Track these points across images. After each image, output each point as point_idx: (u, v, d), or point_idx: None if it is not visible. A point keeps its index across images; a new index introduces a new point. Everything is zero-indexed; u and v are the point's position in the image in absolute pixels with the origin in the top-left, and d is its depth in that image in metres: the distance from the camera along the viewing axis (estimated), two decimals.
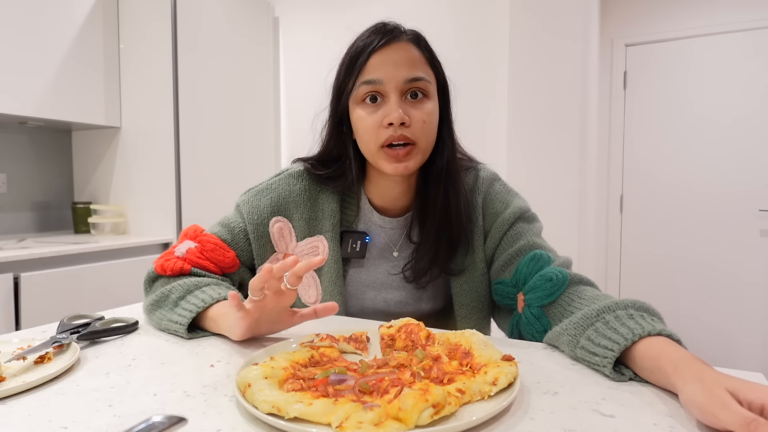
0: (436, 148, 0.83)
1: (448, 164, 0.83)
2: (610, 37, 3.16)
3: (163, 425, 0.38)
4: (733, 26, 2.88)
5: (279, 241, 0.88)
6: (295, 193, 0.88)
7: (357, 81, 0.78)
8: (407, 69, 0.76)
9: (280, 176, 0.91)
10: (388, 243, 0.90)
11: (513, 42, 2.27)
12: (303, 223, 0.88)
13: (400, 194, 0.87)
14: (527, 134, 2.25)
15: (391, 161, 0.77)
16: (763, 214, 2.85)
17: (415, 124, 0.76)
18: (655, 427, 0.45)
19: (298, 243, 0.88)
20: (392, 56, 0.76)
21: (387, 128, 0.76)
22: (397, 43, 0.78)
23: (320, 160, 0.88)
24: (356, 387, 0.49)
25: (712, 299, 2.98)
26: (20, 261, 1.68)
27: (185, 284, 0.78)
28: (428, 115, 0.78)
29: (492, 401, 0.48)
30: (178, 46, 2.25)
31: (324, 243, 0.87)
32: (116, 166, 2.37)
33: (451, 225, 0.84)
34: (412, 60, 0.77)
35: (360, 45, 0.79)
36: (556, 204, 2.20)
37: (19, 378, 0.55)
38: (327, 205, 0.87)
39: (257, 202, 0.89)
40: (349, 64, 0.79)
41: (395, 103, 0.76)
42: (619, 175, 3.20)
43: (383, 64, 0.76)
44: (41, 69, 2.00)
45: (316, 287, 0.88)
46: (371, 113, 0.77)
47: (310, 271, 0.87)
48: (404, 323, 0.66)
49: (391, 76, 0.76)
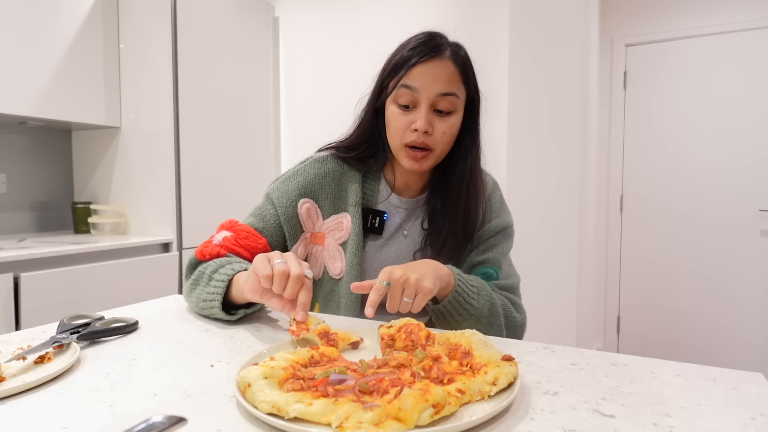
0: (457, 151, 0.95)
1: (471, 170, 0.95)
2: (610, 37, 3.16)
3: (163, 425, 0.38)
4: (733, 26, 2.88)
5: (307, 221, 0.98)
6: (320, 175, 0.98)
7: (398, 83, 0.88)
8: (441, 84, 0.87)
9: (306, 163, 1.00)
10: (401, 222, 1.00)
11: (513, 42, 2.27)
12: (329, 202, 0.98)
13: (416, 179, 1.00)
14: (527, 134, 2.25)
15: (409, 159, 0.91)
16: (763, 214, 2.85)
17: (437, 134, 0.88)
18: (654, 427, 0.45)
19: (325, 221, 0.98)
20: (431, 71, 0.87)
21: (413, 132, 0.88)
22: (439, 59, 0.87)
23: (348, 146, 0.99)
24: (356, 387, 0.49)
25: (712, 299, 2.98)
26: (20, 261, 1.68)
27: (218, 261, 0.88)
28: (450, 127, 0.90)
29: (492, 401, 0.48)
30: (178, 46, 2.25)
31: (348, 219, 0.97)
32: (116, 166, 2.37)
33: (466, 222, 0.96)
34: (448, 77, 0.88)
35: (407, 54, 0.89)
36: (556, 204, 2.20)
37: (19, 378, 0.55)
38: (350, 185, 0.98)
39: (285, 187, 0.98)
40: (395, 66, 0.90)
41: (425, 112, 0.87)
42: (619, 175, 3.20)
43: (423, 76, 0.87)
44: (41, 69, 2.00)
45: (341, 259, 0.97)
46: (403, 114, 0.89)
47: (336, 245, 0.97)
48: (404, 323, 0.66)
49: (427, 88, 0.87)
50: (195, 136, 2.35)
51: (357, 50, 2.80)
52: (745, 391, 0.53)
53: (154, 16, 2.23)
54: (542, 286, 2.23)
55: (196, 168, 2.35)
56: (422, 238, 0.98)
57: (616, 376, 0.57)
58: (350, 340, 0.66)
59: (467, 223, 0.96)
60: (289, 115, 3.10)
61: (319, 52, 2.96)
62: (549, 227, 2.21)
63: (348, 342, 0.66)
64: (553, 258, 2.21)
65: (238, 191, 2.59)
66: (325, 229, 0.98)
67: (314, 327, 0.66)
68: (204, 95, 2.40)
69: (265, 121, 2.83)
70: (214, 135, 2.46)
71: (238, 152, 2.63)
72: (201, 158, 2.39)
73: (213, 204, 2.45)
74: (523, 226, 2.06)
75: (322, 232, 0.98)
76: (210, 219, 2.41)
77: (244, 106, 2.67)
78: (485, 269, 0.95)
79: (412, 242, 0.99)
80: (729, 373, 0.57)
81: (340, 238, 0.97)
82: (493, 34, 2.42)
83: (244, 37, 2.66)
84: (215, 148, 2.47)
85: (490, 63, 2.42)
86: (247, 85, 2.68)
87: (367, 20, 2.81)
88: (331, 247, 0.98)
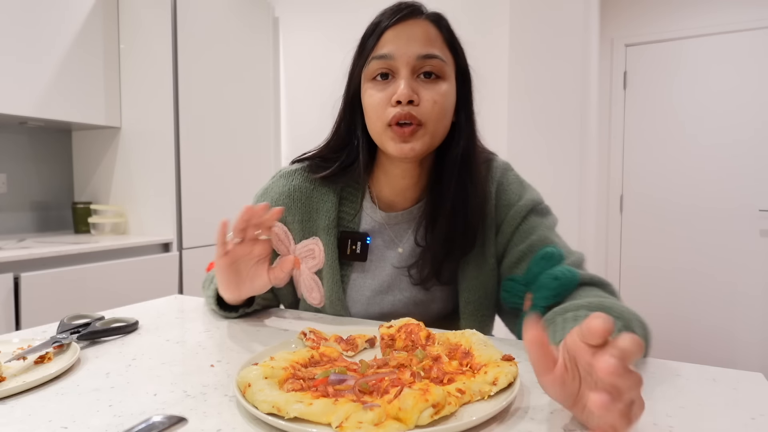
0: (451, 135, 0.77)
1: (464, 152, 0.77)
2: (610, 37, 3.16)
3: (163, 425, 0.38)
4: (733, 26, 2.88)
5: (279, 245, 0.85)
6: (285, 194, 0.84)
7: (369, 57, 0.74)
8: (421, 45, 0.72)
9: (273, 178, 0.88)
10: (393, 239, 0.84)
11: (513, 42, 2.27)
12: (297, 225, 0.84)
13: (410, 185, 0.82)
14: (527, 134, 2.25)
15: (397, 141, 0.72)
16: (763, 214, 2.85)
17: (425, 103, 0.71)
18: (655, 427, 0.45)
19: (297, 245, 0.85)
20: (406, 31, 0.72)
21: (395, 106, 0.71)
22: (414, 19, 0.73)
23: (323, 156, 0.83)
24: (356, 387, 0.49)
25: (712, 299, 2.98)
26: (20, 261, 1.68)
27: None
28: (441, 95, 0.72)
29: (492, 401, 0.48)
30: (178, 46, 2.25)
31: (319, 245, 0.83)
32: (116, 166, 2.37)
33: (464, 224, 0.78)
34: (428, 37, 0.73)
35: (375, 21, 0.76)
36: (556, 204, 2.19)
37: (19, 378, 0.55)
38: (322, 203, 0.83)
39: None
40: (363, 40, 0.77)
41: (405, 79, 0.71)
42: (619, 175, 3.20)
43: (396, 38, 0.72)
44: (41, 69, 2.00)
45: (318, 289, 0.85)
46: (380, 90, 0.73)
47: (311, 274, 0.85)
48: (404, 323, 0.66)
49: (403, 51, 0.71)
50: (195, 136, 2.35)
51: None
52: (745, 391, 0.52)
53: (154, 16, 2.23)
54: None
55: (196, 168, 2.35)
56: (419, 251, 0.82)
57: None
58: (366, 338, 0.67)
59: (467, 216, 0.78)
60: (289, 115, 3.10)
61: (320, 52, 2.96)
62: None
63: (365, 340, 0.67)
64: None
65: (238, 191, 2.59)
66: (299, 254, 0.85)
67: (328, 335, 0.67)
68: (204, 95, 2.40)
69: (266, 121, 2.83)
70: (214, 135, 2.46)
71: (238, 152, 2.62)
72: (201, 158, 2.39)
73: (213, 204, 2.45)
74: None
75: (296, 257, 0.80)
76: (210, 219, 2.41)
77: (244, 106, 2.67)
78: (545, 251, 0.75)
79: (411, 256, 0.83)
80: (729, 373, 0.57)
81: (313, 267, 0.83)
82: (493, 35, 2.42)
83: (244, 38, 2.66)
84: (215, 148, 2.47)
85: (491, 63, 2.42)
86: (247, 85, 2.68)
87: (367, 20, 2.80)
88: (305, 275, 0.85)
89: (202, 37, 2.38)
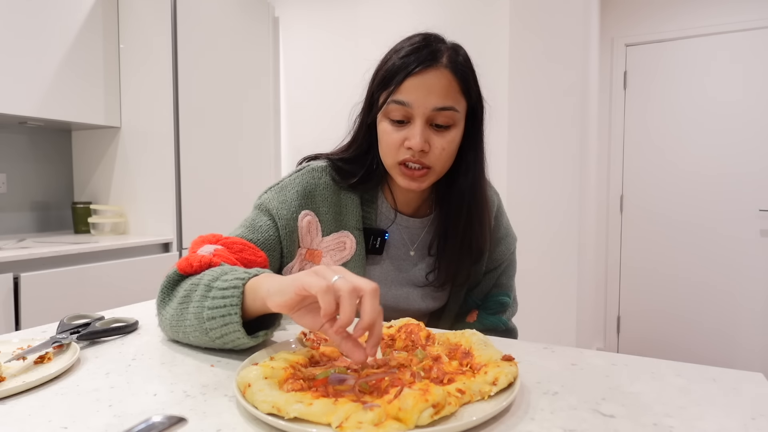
0: (458, 168, 0.86)
1: (473, 187, 0.87)
2: (610, 37, 3.16)
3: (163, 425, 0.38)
4: (733, 26, 2.88)
5: (305, 235, 0.87)
6: (321, 186, 0.88)
7: (389, 98, 0.79)
8: (438, 98, 0.77)
9: (302, 171, 0.90)
10: (405, 241, 0.92)
11: (513, 42, 2.27)
12: (330, 217, 0.88)
13: (416, 197, 0.92)
14: (527, 134, 2.25)
15: (405, 178, 0.82)
16: (763, 214, 2.85)
17: (435, 150, 0.79)
18: (654, 427, 0.45)
19: (324, 238, 0.88)
20: (426, 83, 0.77)
21: (407, 150, 0.79)
22: (434, 70, 0.77)
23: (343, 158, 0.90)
24: (356, 387, 0.49)
25: (713, 298, 2.98)
26: (20, 261, 1.68)
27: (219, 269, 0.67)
28: (449, 143, 0.80)
29: (492, 401, 0.48)
30: (178, 46, 2.25)
31: (351, 239, 0.88)
32: (116, 166, 2.37)
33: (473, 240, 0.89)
34: (445, 89, 0.78)
35: (398, 64, 0.79)
36: (556, 204, 2.20)
37: (19, 378, 0.55)
38: (350, 201, 0.89)
39: (284, 196, 0.86)
40: (385, 77, 0.80)
41: (419, 129, 0.78)
42: (619, 175, 3.20)
43: (416, 89, 0.77)
44: (41, 69, 2.00)
45: None
46: (395, 131, 0.80)
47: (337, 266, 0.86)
48: (404, 323, 0.66)
49: (421, 102, 0.77)
50: (195, 136, 2.35)
51: (357, 50, 2.80)
52: (745, 391, 0.53)
53: (154, 16, 2.23)
54: (542, 286, 2.23)
55: (196, 168, 2.35)
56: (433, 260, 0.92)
57: (616, 376, 0.57)
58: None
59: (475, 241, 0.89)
60: (289, 115, 3.10)
61: (319, 52, 2.96)
62: (549, 227, 2.21)
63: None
64: (553, 258, 2.21)
65: (238, 191, 2.59)
66: (324, 248, 0.87)
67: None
68: (204, 95, 2.40)
69: (265, 120, 2.83)
70: (214, 135, 2.46)
71: (238, 152, 2.63)
72: (201, 158, 2.39)
73: (213, 204, 2.45)
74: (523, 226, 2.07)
75: (319, 250, 0.87)
76: (210, 219, 2.41)
77: (244, 106, 2.67)
78: (500, 297, 0.97)
79: (420, 262, 0.93)
80: (729, 373, 0.57)
81: (341, 259, 0.87)
82: (493, 35, 2.42)
83: (244, 37, 2.66)
84: (215, 147, 2.47)
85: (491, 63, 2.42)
86: (247, 85, 2.68)
87: (367, 20, 2.81)
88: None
89: (202, 37, 2.38)
